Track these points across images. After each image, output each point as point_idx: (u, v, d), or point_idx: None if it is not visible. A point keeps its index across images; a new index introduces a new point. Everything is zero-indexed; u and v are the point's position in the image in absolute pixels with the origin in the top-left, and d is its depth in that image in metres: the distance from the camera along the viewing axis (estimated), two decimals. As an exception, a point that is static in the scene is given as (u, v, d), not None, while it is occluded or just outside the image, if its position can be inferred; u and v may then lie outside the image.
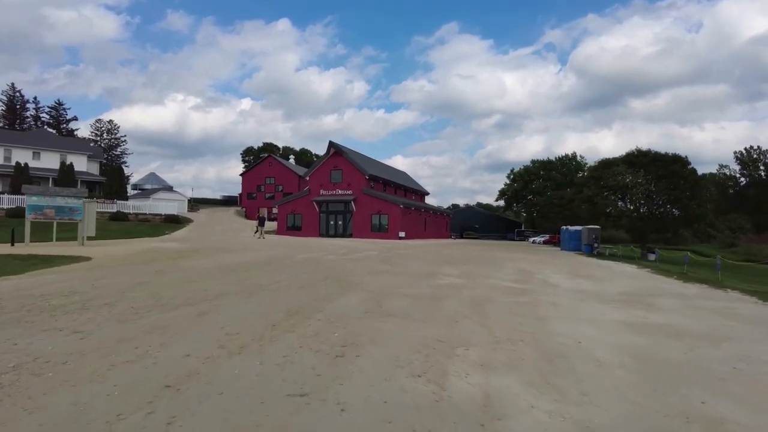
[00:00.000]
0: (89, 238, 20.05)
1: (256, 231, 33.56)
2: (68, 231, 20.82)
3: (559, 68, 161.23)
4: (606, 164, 30.71)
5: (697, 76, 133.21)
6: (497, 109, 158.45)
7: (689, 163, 29.36)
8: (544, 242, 51.90)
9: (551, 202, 49.36)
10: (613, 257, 29.28)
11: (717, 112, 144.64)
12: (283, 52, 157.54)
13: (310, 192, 43.67)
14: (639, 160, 29.56)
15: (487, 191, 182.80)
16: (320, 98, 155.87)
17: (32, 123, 69.44)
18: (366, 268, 13.42)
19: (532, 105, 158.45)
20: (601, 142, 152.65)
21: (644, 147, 31.35)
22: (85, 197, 19.93)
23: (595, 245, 32.90)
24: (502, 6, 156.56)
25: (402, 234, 39.52)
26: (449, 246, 33.35)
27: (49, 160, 45.24)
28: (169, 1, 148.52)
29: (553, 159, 73.92)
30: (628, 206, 30.74)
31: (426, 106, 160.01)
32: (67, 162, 44.83)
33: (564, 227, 38.82)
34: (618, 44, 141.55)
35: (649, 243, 31.60)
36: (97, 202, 39.10)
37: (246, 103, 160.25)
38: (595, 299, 9.19)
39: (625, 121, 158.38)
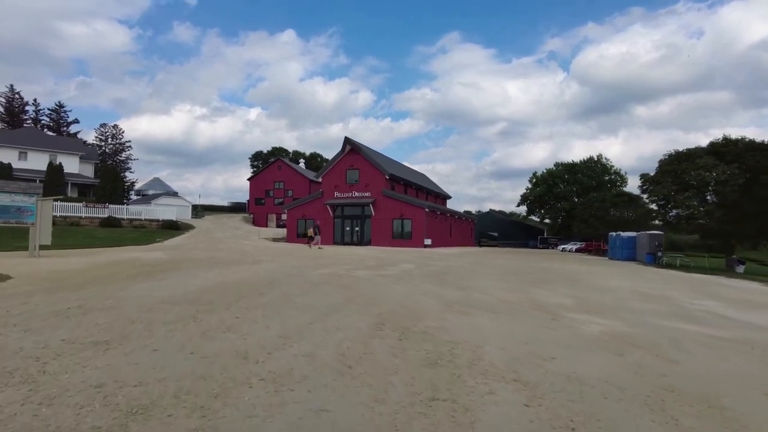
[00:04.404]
0: (45, 248, 15.50)
1: (312, 240, 29.16)
2: (25, 239, 16.24)
3: (561, 76, 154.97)
4: (682, 157, 25.41)
5: (700, 83, 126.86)
6: (501, 117, 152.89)
7: (791, 152, 24.17)
8: (577, 250, 46.80)
9: (592, 205, 44.04)
10: (686, 268, 24.35)
11: (722, 118, 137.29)
12: (287, 62, 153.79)
13: (323, 194, 38.81)
14: (729, 150, 24.32)
15: (495, 198, 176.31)
16: (325, 108, 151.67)
17: (32, 126, 66.15)
18: (426, 295, 8.61)
19: (536, 113, 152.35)
20: (607, 150, 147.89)
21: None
22: (39, 194, 15.36)
23: (659, 254, 28.06)
24: (503, 15, 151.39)
25: (428, 242, 34.49)
26: (486, 255, 28.41)
27: (37, 161, 41.25)
28: (175, 13, 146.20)
29: (577, 162, 69.31)
30: (710, 205, 25.34)
31: (430, 115, 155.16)
32: (57, 162, 40.71)
33: (614, 233, 34.08)
34: (618, 51, 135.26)
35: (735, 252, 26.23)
36: (87, 206, 35.14)
37: (252, 113, 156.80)
38: None
39: (630, 128, 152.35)
